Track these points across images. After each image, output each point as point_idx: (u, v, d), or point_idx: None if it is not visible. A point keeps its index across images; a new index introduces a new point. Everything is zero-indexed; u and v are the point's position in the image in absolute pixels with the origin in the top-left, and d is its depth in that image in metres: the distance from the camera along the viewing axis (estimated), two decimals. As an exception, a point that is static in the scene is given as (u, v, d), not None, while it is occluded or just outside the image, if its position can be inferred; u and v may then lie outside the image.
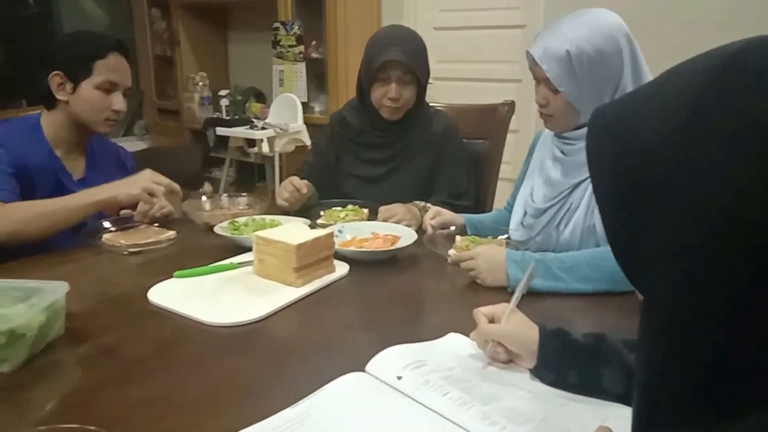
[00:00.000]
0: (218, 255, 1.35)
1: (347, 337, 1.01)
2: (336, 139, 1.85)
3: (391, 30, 1.76)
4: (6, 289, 0.98)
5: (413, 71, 1.68)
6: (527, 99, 3.42)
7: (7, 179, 1.41)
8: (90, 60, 1.48)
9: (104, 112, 1.52)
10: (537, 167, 1.44)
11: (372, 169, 1.80)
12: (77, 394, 0.84)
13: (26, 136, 1.50)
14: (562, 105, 1.26)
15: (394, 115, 1.73)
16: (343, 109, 1.89)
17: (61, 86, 1.50)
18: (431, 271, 1.31)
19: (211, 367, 0.91)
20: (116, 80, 1.52)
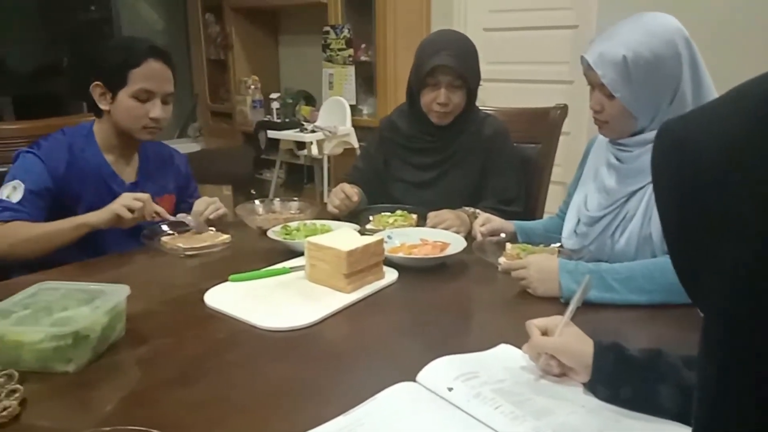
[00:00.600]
0: (271, 259, 1.38)
1: (397, 344, 1.02)
2: (385, 144, 1.86)
3: (441, 35, 1.76)
4: (72, 292, 1.03)
5: (462, 76, 1.67)
6: (579, 101, 3.36)
7: (32, 199, 1.46)
8: (125, 69, 1.50)
9: (142, 120, 1.53)
10: (591, 174, 1.41)
11: (421, 173, 1.80)
12: (138, 395, 0.87)
13: (76, 145, 1.55)
14: (617, 111, 1.23)
15: (443, 120, 1.73)
16: (392, 114, 1.90)
17: (102, 96, 1.53)
18: (481, 279, 1.31)
19: (265, 371, 0.93)
20: (152, 88, 1.52)
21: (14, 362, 0.90)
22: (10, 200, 1.43)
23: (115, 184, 1.58)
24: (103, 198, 1.52)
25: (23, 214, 1.43)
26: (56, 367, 0.91)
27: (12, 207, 1.43)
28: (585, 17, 3.32)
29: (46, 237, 1.40)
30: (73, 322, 0.93)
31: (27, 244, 1.40)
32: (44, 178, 1.48)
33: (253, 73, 4.62)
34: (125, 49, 1.52)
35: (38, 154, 1.50)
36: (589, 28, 3.36)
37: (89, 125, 1.60)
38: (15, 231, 1.41)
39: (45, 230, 1.41)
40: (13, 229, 1.41)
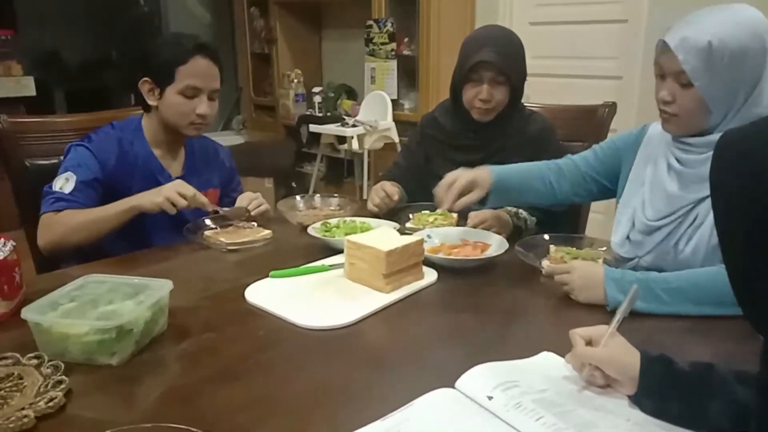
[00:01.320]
0: (311, 255, 1.38)
1: (436, 348, 1.00)
2: (426, 141, 1.84)
3: (486, 30, 1.73)
4: (117, 285, 1.05)
5: (505, 72, 1.64)
6: (628, 98, 3.28)
7: (84, 189, 1.49)
8: (172, 66, 1.52)
9: (189, 116, 1.55)
10: (646, 174, 1.33)
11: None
12: (179, 390, 0.88)
13: (125, 139, 1.59)
14: (692, 103, 1.16)
15: (485, 117, 1.70)
16: (434, 110, 1.88)
17: (150, 92, 1.56)
18: (523, 283, 1.28)
19: (304, 371, 0.93)
20: (198, 85, 1.54)
21: (61, 353, 0.93)
22: (63, 191, 1.47)
23: (162, 178, 1.61)
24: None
25: (75, 203, 1.46)
26: (100, 360, 0.93)
27: (65, 197, 1.46)
28: (635, 11, 3.22)
29: (95, 222, 1.43)
30: (118, 316, 0.94)
31: (78, 230, 1.43)
32: (95, 169, 1.52)
33: (296, 67, 4.65)
34: (173, 46, 1.54)
35: (89, 147, 1.54)
36: (639, 22, 3.26)
37: (138, 119, 1.63)
38: (66, 218, 1.44)
39: (94, 215, 1.44)
40: (64, 217, 1.45)
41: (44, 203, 1.47)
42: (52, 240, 1.44)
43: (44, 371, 0.89)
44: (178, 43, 1.55)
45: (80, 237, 1.44)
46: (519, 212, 1.59)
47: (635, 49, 3.30)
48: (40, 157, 1.68)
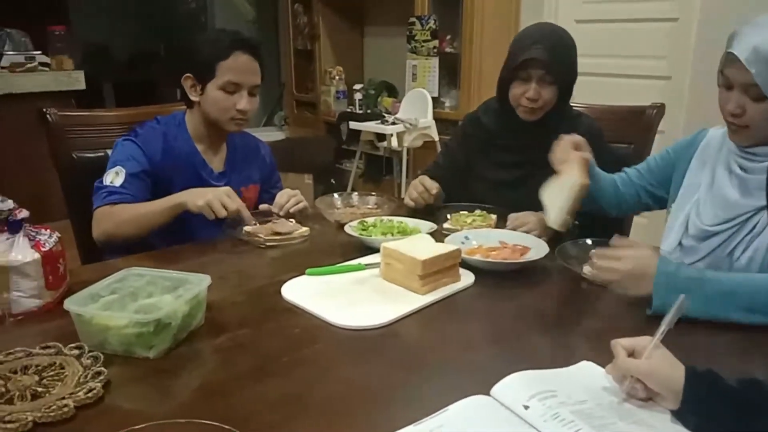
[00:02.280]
0: (347, 254, 1.38)
1: (471, 353, 0.98)
2: (468, 140, 1.82)
3: (537, 27, 1.68)
4: (157, 279, 1.07)
5: (554, 72, 1.60)
6: (676, 99, 3.18)
7: (134, 182, 1.51)
8: (213, 62, 1.52)
9: (229, 111, 1.56)
10: (703, 180, 1.28)
11: (505, 172, 1.74)
12: (214, 386, 0.89)
13: (170, 134, 1.61)
14: (764, 116, 1.10)
15: (531, 116, 1.66)
16: (478, 110, 1.84)
17: (192, 88, 1.57)
18: (563, 288, 1.25)
19: (339, 370, 0.93)
20: (239, 80, 1.54)
21: (101, 345, 0.95)
22: (114, 185, 1.50)
23: (205, 173, 1.63)
24: (193, 185, 1.57)
25: (127, 195, 1.49)
26: (138, 352, 0.94)
27: (116, 190, 1.49)
28: (686, 9, 3.12)
29: (144, 216, 1.46)
30: (156, 309, 0.96)
31: (129, 223, 1.46)
32: (143, 162, 1.54)
33: (337, 64, 4.67)
34: (214, 42, 1.55)
35: (136, 141, 1.57)
36: (691, 21, 3.15)
37: (181, 115, 1.66)
38: (120, 212, 1.48)
39: (144, 210, 1.47)
40: (118, 210, 1.48)
41: (97, 197, 1.50)
42: (106, 232, 1.47)
43: (84, 362, 0.91)
44: (219, 39, 1.56)
45: (131, 230, 1.47)
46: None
47: (686, 49, 3.19)
48: (87, 150, 1.72)
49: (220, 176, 1.66)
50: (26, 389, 0.84)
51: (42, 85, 3.42)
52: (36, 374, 0.88)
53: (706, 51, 2.99)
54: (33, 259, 1.06)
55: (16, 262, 1.04)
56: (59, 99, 3.47)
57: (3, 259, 1.04)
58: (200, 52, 1.56)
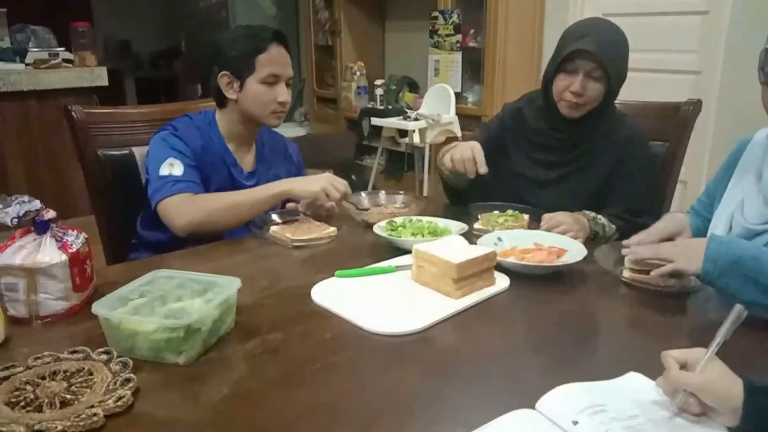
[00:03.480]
0: (376, 254, 1.34)
1: (511, 363, 0.94)
2: (508, 132, 1.71)
3: (590, 21, 1.60)
4: (186, 281, 1.04)
5: (604, 67, 1.48)
6: (706, 94, 3.08)
7: (192, 172, 1.49)
8: (252, 56, 1.51)
9: (271, 105, 1.55)
10: (749, 176, 1.23)
11: (543, 171, 1.66)
12: (246, 392, 0.86)
13: (203, 131, 1.58)
14: None
15: (573, 112, 1.56)
16: (519, 101, 1.75)
17: (229, 85, 1.54)
18: (603, 293, 1.20)
19: (371, 379, 0.89)
20: (278, 72, 1.53)
21: (129, 350, 0.92)
22: (175, 174, 1.47)
23: (236, 172, 1.61)
24: (225, 184, 1.56)
25: (193, 185, 1.47)
26: (168, 358, 0.91)
27: (182, 179, 1.47)
28: (717, 2, 3.03)
29: (245, 205, 1.46)
30: (186, 314, 0.93)
31: (226, 212, 1.45)
32: (189, 154, 1.52)
33: (358, 59, 4.63)
34: (250, 36, 1.54)
35: (178, 135, 1.54)
36: (722, 14, 3.06)
37: (211, 114, 1.63)
38: (210, 200, 1.46)
39: (245, 197, 1.46)
40: (207, 198, 1.46)
41: (159, 191, 1.46)
42: (196, 220, 1.43)
43: (113, 367, 0.88)
44: (255, 33, 1.54)
45: (226, 219, 1.46)
46: (598, 217, 1.50)
47: (717, 43, 3.11)
48: (111, 148, 1.70)
49: (250, 176, 1.64)
50: (55, 396, 0.82)
51: (65, 81, 3.42)
52: (64, 380, 0.85)
53: (739, 45, 2.91)
54: (60, 260, 1.04)
55: (44, 264, 1.03)
56: (82, 95, 3.48)
57: (30, 261, 1.02)
58: (235, 48, 1.53)
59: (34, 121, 3.35)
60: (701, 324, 1.12)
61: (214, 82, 1.56)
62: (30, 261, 1.02)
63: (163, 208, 1.45)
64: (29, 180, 3.38)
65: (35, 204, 1.05)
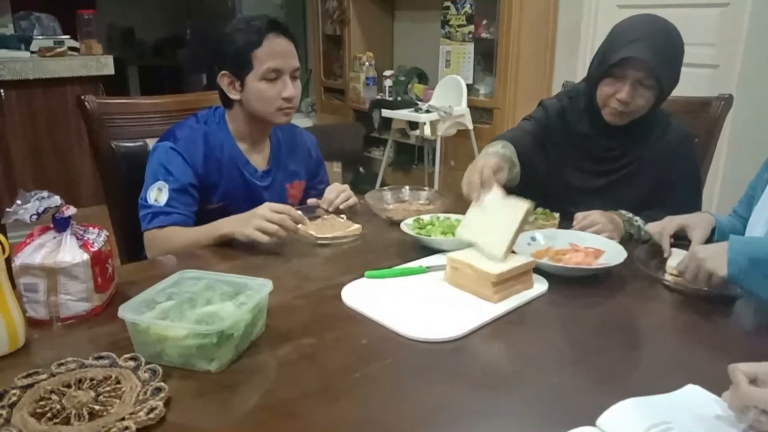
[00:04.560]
0: (403, 253, 1.30)
1: (560, 374, 0.89)
2: (553, 134, 1.59)
3: (644, 21, 1.44)
4: (215, 283, 0.99)
5: (656, 76, 1.37)
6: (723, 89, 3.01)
7: (179, 197, 1.43)
8: (247, 52, 1.41)
9: (275, 102, 1.44)
10: None
11: (589, 179, 1.56)
12: (282, 404, 0.81)
13: (211, 133, 1.51)
14: None
15: (617, 120, 1.46)
16: (561, 99, 1.62)
17: (231, 85, 1.46)
18: (645, 297, 1.15)
19: (414, 390, 0.85)
20: (278, 66, 1.42)
21: (157, 356, 0.88)
22: (159, 203, 1.41)
23: (248, 173, 1.54)
24: (236, 186, 1.51)
25: (174, 216, 1.41)
26: (198, 365, 0.87)
27: (162, 211, 1.40)
28: (738, -6, 2.97)
29: (194, 245, 1.36)
30: (219, 319, 0.89)
31: (181, 249, 1.36)
32: (187, 173, 1.44)
33: (368, 50, 4.56)
34: (242, 30, 1.42)
35: (177, 149, 1.45)
36: (743, 6, 3.00)
37: (221, 112, 1.55)
38: (168, 238, 1.39)
39: (194, 237, 1.38)
40: (167, 235, 1.40)
41: (143, 220, 1.42)
42: (161, 255, 1.38)
43: (142, 375, 0.84)
44: (248, 26, 1.42)
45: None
46: (634, 218, 1.42)
47: (737, 36, 3.05)
48: (125, 140, 1.65)
49: (264, 175, 1.57)
50: (83, 407, 0.77)
51: (71, 69, 3.36)
52: (91, 389, 0.81)
53: (759, 38, 2.85)
54: (82, 260, 0.99)
55: (65, 264, 0.98)
56: (88, 84, 3.41)
57: (51, 261, 0.97)
58: (230, 45, 1.43)
59: (39, 109, 3.28)
60: (755, 331, 1.07)
61: (217, 84, 1.48)
62: (51, 260, 0.97)
63: (144, 239, 1.43)
64: (34, 170, 3.32)
65: (55, 200, 1.00)
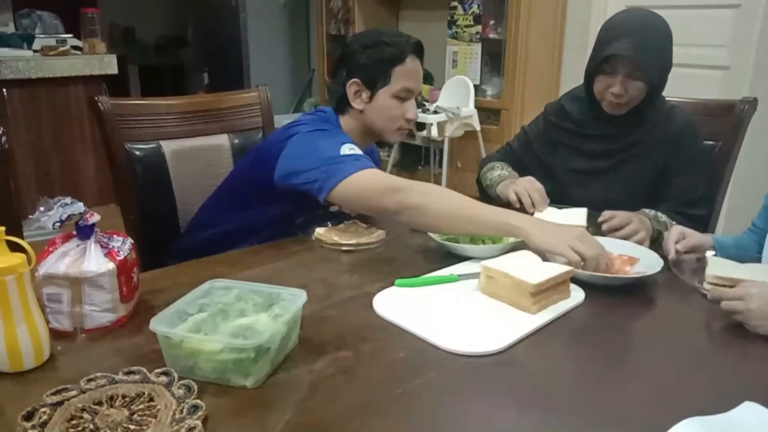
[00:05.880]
0: (432, 261, 1.27)
1: (609, 392, 0.85)
2: (550, 130, 1.70)
3: (628, 16, 1.54)
4: (246, 293, 0.96)
5: (642, 68, 1.46)
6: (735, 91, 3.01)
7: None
8: (389, 66, 1.38)
9: (398, 121, 1.43)
10: None
11: (591, 162, 1.62)
12: (323, 422, 0.78)
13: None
14: None
15: (617, 110, 1.55)
16: (561, 99, 1.73)
17: (357, 94, 1.42)
18: (685, 306, 1.12)
19: (461, 408, 0.81)
20: (412, 87, 1.42)
21: (189, 370, 0.84)
22: (357, 152, 1.30)
23: None
24: None
25: (376, 165, 1.32)
26: (233, 381, 0.83)
27: (364, 156, 1.31)
28: (752, -4, 2.95)
29: (470, 217, 1.20)
30: (254, 331, 0.85)
31: (451, 215, 1.20)
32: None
33: (372, 49, 4.52)
34: (388, 44, 1.40)
35: (330, 130, 1.41)
36: (755, 7, 2.98)
37: (335, 117, 1.49)
38: (437, 193, 1.24)
39: (472, 209, 1.21)
40: (432, 190, 1.25)
41: (346, 165, 1.27)
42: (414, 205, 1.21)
43: (176, 392, 0.80)
44: (397, 41, 1.41)
45: (442, 222, 1.23)
46: (659, 215, 1.44)
47: (749, 38, 3.03)
48: (140, 141, 1.61)
49: None
50: (117, 426, 0.73)
51: (75, 68, 3.31)
52: (124, 407, 0.77)
53: (773, 40, 2.83)
54: (108, 269, 0.95)
55: (90, 273, 0.94)
56: (91, 83, 3.37)
57: (75, 270, 0.94)
58: (372, 56, 1.39)
59: (43, 109, 3.24)
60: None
61: (339, 88, 1.44)
62: (75, 270, 0.94)
63: (354, 182, 1.26)
64: (37, 170, 3.28)
65: (78, 206, 0.97)
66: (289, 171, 1.34)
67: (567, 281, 1.10)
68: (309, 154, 1.33)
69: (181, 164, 1.66)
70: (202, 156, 1.71)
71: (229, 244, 1.38)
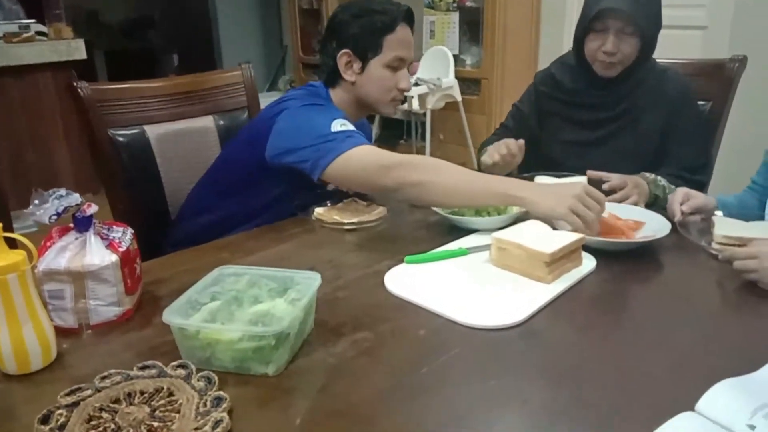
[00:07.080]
0: (436, 235, 1.24)
1: (641, 358, 0.84)
2: (542, 100, 1.68)
3: None
4: (258, 278, 0.92)
5: (636, 22, 1.45)
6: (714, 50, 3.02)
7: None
8: (380, 35, 1.34)
9: (392, 91, 1.40)
10: None
11: (587, 132, 1.60)
12: (353, 407, 0.75)
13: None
14: None
15: (609, 71, 1.53)
16: (550, 67, 1.70)
17: (348, 65, 1.38)
18: (696, 268, 1.12)
19: (491, 383, 0.79)
20: (405, 56, 1.38)
21: (206, 361, 0.81)
22: (348, 128, 1.26)
23: None
24: None
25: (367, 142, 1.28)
26: (254, 369, 0.80)
27: (357, 133, 1.26)
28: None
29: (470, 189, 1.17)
30: (276, 319, 0.82)
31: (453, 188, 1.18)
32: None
33: (347, 23, 4.43)
34: (379, 12, 1.35)
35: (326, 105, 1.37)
36: (731, -34, 2.98)
37: (324, 90, 1.44)
38: (446, 172, 1.19)
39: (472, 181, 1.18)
40: (444, 169, 1.19)
41: (336, 143, 1.23)
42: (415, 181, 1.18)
43: (196, 384, 0.77)
44: (387, 8, 1.36)
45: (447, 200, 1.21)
46: (658, 179, 1.43)
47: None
48: (123, 127, 1.55)
49: None
50: (140, 425, 0.70)
51: (41, 55, 3.19)
52: (144, 403, 0.74)
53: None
54: (111, 262, 0.91)
55: (93, 267, 0.90)
56: (60, 70, 3.26)
57: (77, 264, 0.89)
58: (362, 25, 1.35)
59: (11, 99, 3.12)
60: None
61: (329, 60, 1.39)
62: (77, 264, 0.89)
63: (348, 160, 1.22)
64: (12, 161, 3.17)
65: (74, 198, 0.92)
66: (280, 149, 1.30)
67: (579, 249, 1.08)
68: (299, 131, 1.29)
69: (167, 148, 1.61)
70: (188, 139, 1.65)
71: (227, 229, 1.34)
